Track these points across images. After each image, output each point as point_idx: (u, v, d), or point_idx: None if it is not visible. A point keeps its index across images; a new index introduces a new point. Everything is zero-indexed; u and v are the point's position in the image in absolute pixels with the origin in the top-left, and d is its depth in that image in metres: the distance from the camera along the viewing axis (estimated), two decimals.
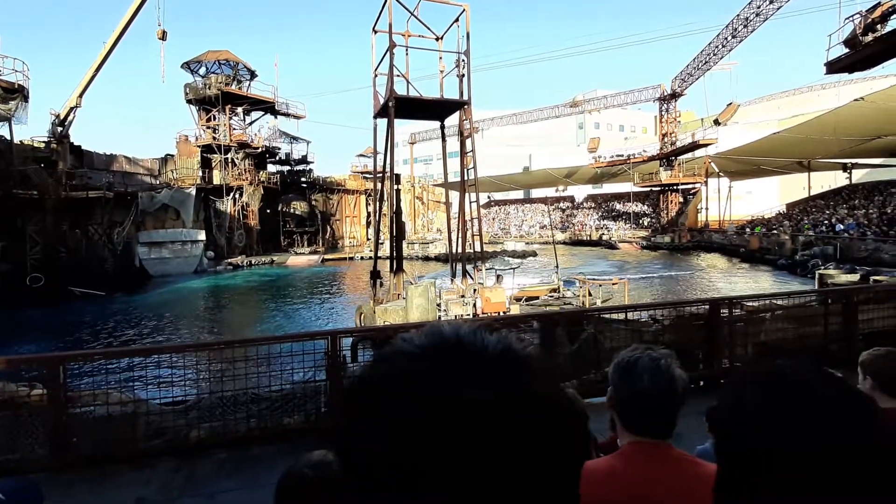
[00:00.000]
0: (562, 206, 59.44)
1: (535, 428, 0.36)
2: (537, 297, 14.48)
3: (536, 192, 64.53)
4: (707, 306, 5.14)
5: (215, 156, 34.43)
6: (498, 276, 14.92)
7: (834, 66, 15.61)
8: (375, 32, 14.11)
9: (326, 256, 37.40)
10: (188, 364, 3.92)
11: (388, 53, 13.28)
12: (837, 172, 35.08)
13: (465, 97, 14.12)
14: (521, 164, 61.66)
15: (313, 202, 43.03)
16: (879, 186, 30.22)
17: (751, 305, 5.36)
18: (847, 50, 14.90)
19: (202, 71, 35.39)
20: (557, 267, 16.46)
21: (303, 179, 42.65)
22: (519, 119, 50.14)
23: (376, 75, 14.25)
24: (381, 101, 13.93)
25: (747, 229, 34.26)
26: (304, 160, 44.84)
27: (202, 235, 31.30)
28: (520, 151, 63.30)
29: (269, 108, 37.65)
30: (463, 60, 14.02)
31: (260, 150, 37.15)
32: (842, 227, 25.87)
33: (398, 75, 13.47)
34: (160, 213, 30.14)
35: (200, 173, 34.25)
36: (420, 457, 0.33)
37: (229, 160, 34.58)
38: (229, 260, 32.71)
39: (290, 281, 28.50)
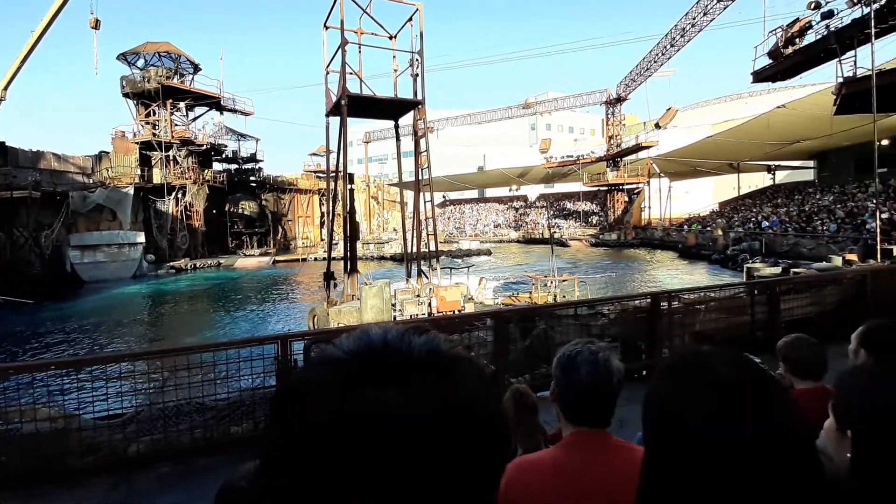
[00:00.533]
0: (515, 206, 60.67)
1: (456, 430, 0.36)
2: None
3: (491, 192, 65.51)
4: (649, 300, 5.43)
5: (155, 153, 32.47)
6: (481, 279, 14.96)
7: (759, 76, 16.88)
8: (327, 28, 13.83)
9: (278, 258, 36.21)
10: (125, 375, 3.68)
11: (340, 50, 13.06)
12: (763, 174, 38.00)
13: (419, 97, 14.12)
14: (475, 164, 62.32)
15: (263, 202, 41.54)
16: (798, 186, 32.98)
17: (687, 298, 5.71)
18: (770, 61, 16.16)
19: (140, 63, 33.17)
20: (555, 273, 15.23)
21: (252, 178, 40.99)
22: (473, 119, 50.67)
23: (328, 73, 13.97)
24: (334, 98, 13.68)
25: (685, 227, 36.38)
26: (252, 158, 43.18)
27: (141, 237, 29.48)
28: (474, 151, 63.96)
29: (214, 103, 35.91)
30: (416, 60, 14.01)
31: (204, 147, 35.30)
32: (767, 223, 27.96)
33: (351, 73, 13.29)
34: (94, 214, 28.09)
35: (139, 172, 32.10)
36: (341, 462, 0.33)
37: (171, 158, 32.71)
38: (171, 263, 31.00)
39: (238, 284, 27.39)
